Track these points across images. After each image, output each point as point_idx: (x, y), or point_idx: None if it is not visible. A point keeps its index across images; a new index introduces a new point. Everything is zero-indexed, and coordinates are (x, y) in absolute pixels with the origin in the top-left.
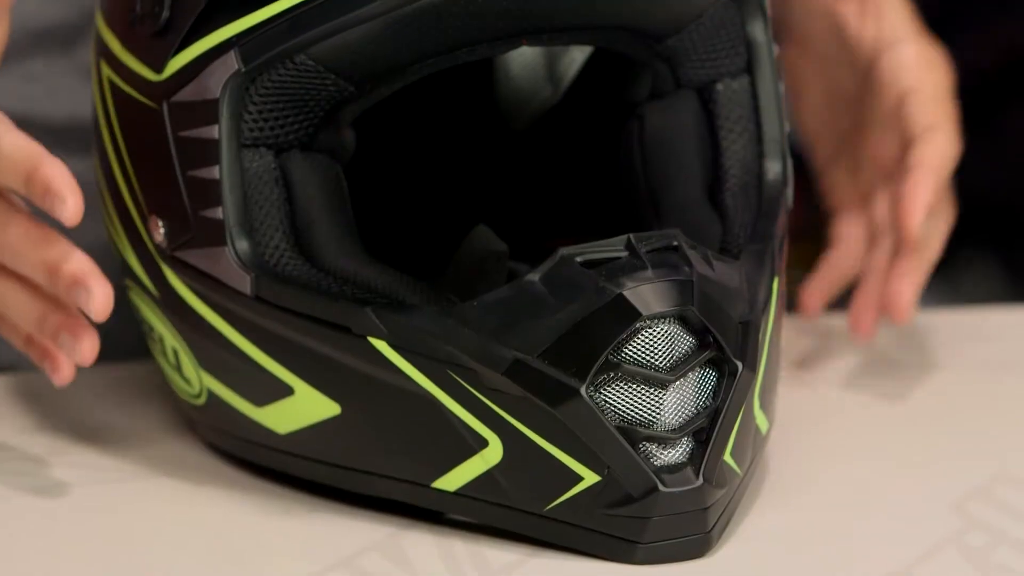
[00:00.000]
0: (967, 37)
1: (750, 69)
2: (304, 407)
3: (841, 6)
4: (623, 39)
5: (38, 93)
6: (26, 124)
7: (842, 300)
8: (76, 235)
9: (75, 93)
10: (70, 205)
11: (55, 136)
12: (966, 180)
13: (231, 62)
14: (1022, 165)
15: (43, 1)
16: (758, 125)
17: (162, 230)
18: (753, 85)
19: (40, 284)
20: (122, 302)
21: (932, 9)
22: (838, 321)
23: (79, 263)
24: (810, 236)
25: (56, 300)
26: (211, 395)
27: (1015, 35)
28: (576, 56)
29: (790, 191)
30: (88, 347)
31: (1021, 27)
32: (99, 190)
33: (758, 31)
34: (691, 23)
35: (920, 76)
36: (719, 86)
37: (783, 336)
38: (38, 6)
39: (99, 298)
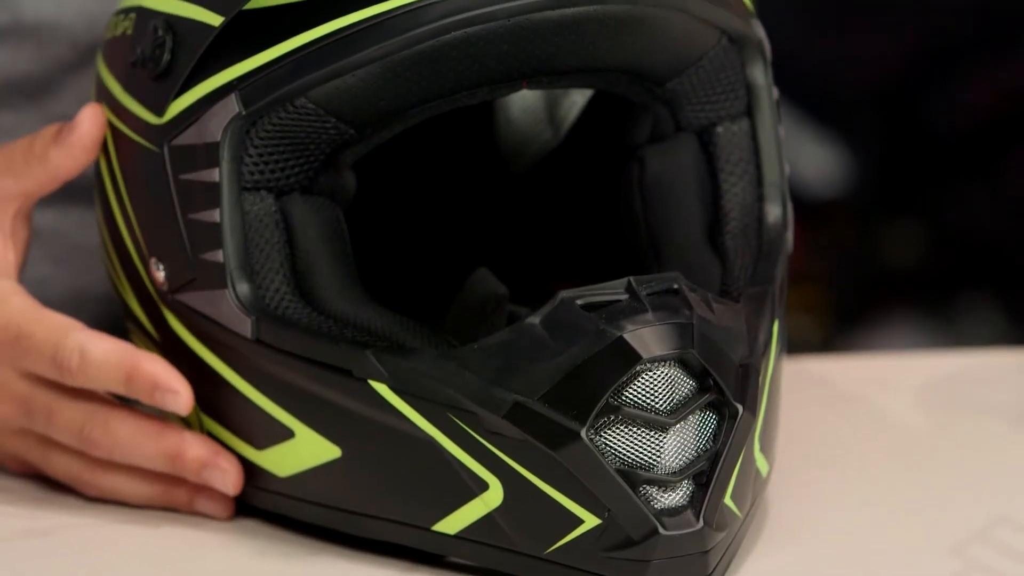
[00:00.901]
0: (968, 80)
1: (750, 112)
2: (304, 450)
3: None
4: (623, 82)
5: None
6: None
7: (842, 343)
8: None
9: None
10: (183, 395)
11: None
12: (966, 223)
13: (232, 105)
14: (1022, 208)
15: (11, 55)
16: (758, 168)
17: (162, 273)
18: (753, 128)
19: (159, 470)
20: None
21: (934, 51)
22: (836, 365)
23: (202, 446)
24: (810, 279)
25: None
26: (211, 438)
27: (1016, 79)
28: (576, 99)
29: (790, 235)
30: (233, 482)
31: (1021, 70)
32: (99, 233)
33: (758, 74)
34: (691, 66)
35: None
36: (719, 129)
37: (783, 379)
38: (6, 59)
39: (233, 473)
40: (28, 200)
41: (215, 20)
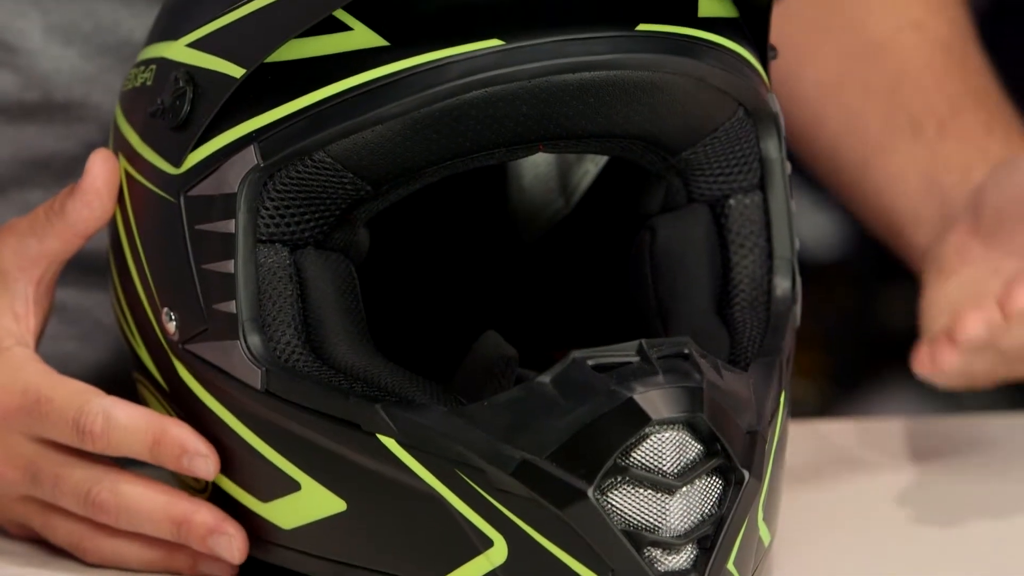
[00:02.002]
0: None
1: (763, 186)
2: (310, 503)
3: None
4: (638, 149)
5: None
6: None
7: (841, 406)
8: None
9: None
10: (212, 459)
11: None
12: None
13: (250, 157)
14: None
15: (40, 132)
16: (769, 242)
17: (174, 323)
18: (765, 202)
19: (163, 537)
20: (132, 397)
21: None
22: (834, 428)
23: (209, 513)
24: (809, 342)
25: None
26: (216, 489)
27: None
28: (589, 168)
29: (798, 308)
30: (239, 550)
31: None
32: (111, 283)
33: (772, 148)
34: (707, 137)
35: None
36: (731, 201)
37: (787, 450)
38: (35, 137)
39: (239, 540)
40: (53, 264)
41: (236, 72)
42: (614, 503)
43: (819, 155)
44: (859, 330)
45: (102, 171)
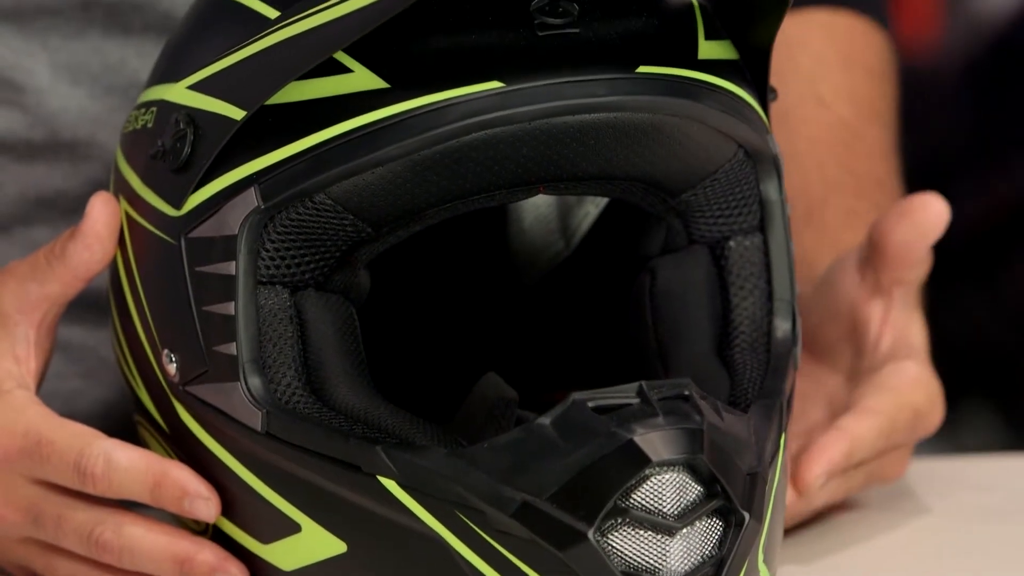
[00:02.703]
0: (968, 189)
1: (763, 227)
2: (310, 544)
3: (864, 310)
4: (638, 191)
5: None
6: None
7: None
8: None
9: None
10: (213, 502)
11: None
12: (964, 330)
13: (251, 199)
14: (1021, 317)
15: (46, 171)
16: (769, 283)
17: (174, 365)
18: (766, 244)
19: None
20: (133, 439)
21: (931, 161)
22: None
23: (212, 552)
24: None
25: None
26: (216, 531)
27: (1013, 188)
28: (590, 210)
29: (798, 350)
30: None
31: (1019, 180)
32: (112, 325)
33: (772, 190)
34: (707, 179)
35: (910, 394)
36: (731, 243)
37: (787, 493)
38: (42, 176)
39: None
40: (54, 307)
41: (237, 114)
42: (614, 544)
43: None
44: None
45: (102, 214)
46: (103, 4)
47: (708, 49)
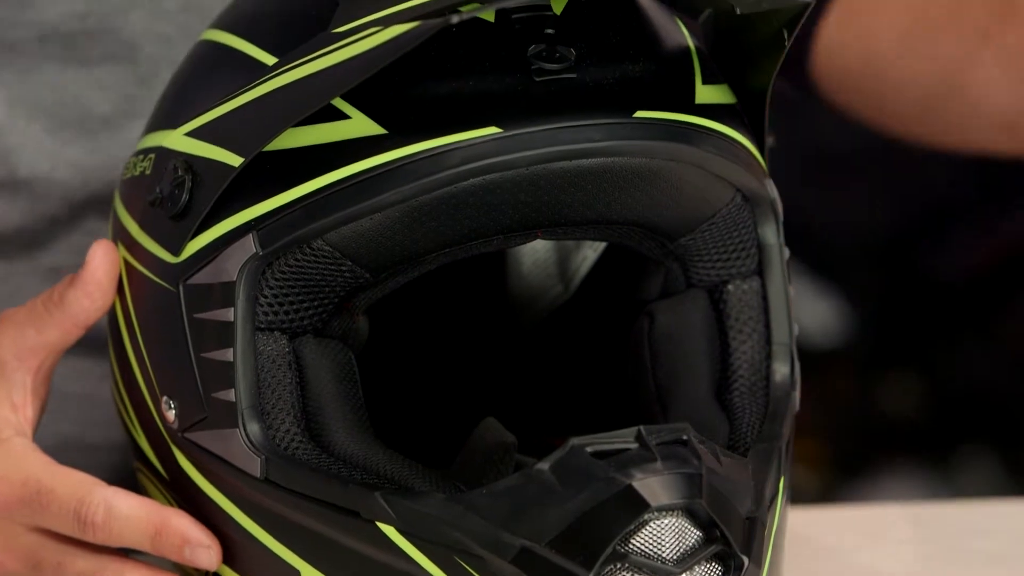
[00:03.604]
0: (967, 234)
1: (761, 271)
2: None
3: None
4: (636, 236)
5: (1, 295)
6: None
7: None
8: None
9: (36, 293)
10: (215, 550)
11: None
12: (964, 375)
13: (249, 245)
14: (1020, 361)
15: (4, 208)
16: (767, 327)
17: (173, 411)
18: (764, 287)
19: None
20: (132, 486)
21: (932, 206)
22: (834, 516)
23: None
24: (809, 430)
25: None
26: None
27: (1012, 233)
28: (588, 254)
29: (797, 394)
30: None
31: (1020, 225)
32: (111, 372)
33: (770, 234)
34: (704, 223)
35: None
36: (730, 287)
37: (787, 535)
38: (1, 213)
39: None
40: (52, 354)
41: (235, 161)
42: None
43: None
44: (860, 417)
45: (103, 262)
46: (60, 35)
47: (705, 93)
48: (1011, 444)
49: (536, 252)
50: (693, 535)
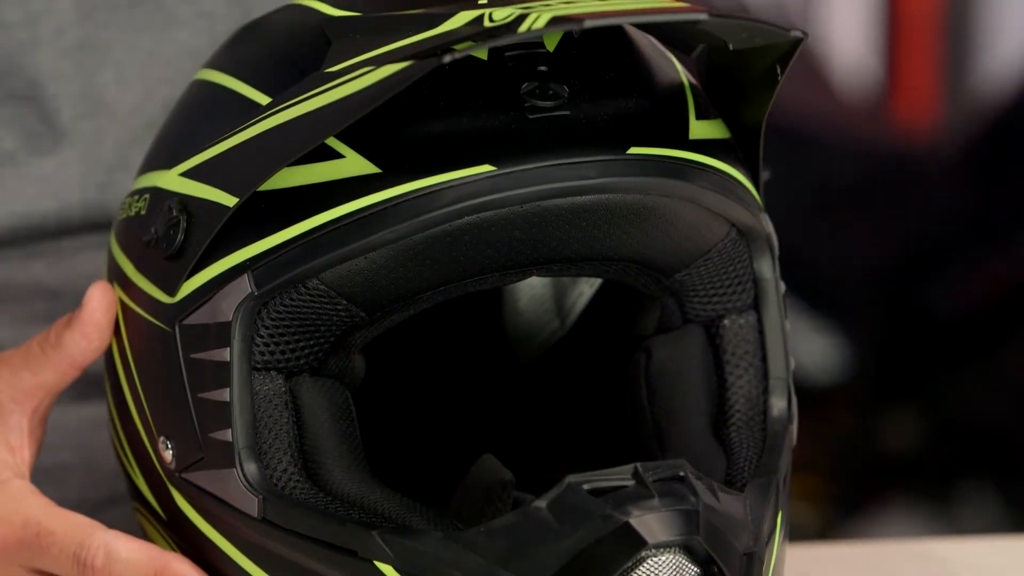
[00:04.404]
0: (965, 269)
1: (757, 306)
2: None
3: None
4: (632, 272)
5: None
6: None
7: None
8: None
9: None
10: None
11: None
12: (964, 410)
13: (244, 285)
14: (1020, 397)
15: None
16: (764, 362)
17: (171, 452)
18: (760, 322)
19: None
20: (131, 527)
21: (931, 240)
22: (834, 552)
23: None
24: (808, 466)
25: None
26: None
27: (1012, 267)
28: (584, 290)
29: (794, 428)
30: None
31: (1019, 260)
32: (108, 412)
33: (766, 268)
34: (700, 258)
35: None
36: (726, 322)
37: (785, 570)
38: None
39: None
40: (48, 396)
41: (229, 201)
42: None
43: None
44: (859, 453)
45: (101, 303)
46: None
47: (699, 129)
48: (1011, 480)
49: (532, 288)
50: (691, 571)
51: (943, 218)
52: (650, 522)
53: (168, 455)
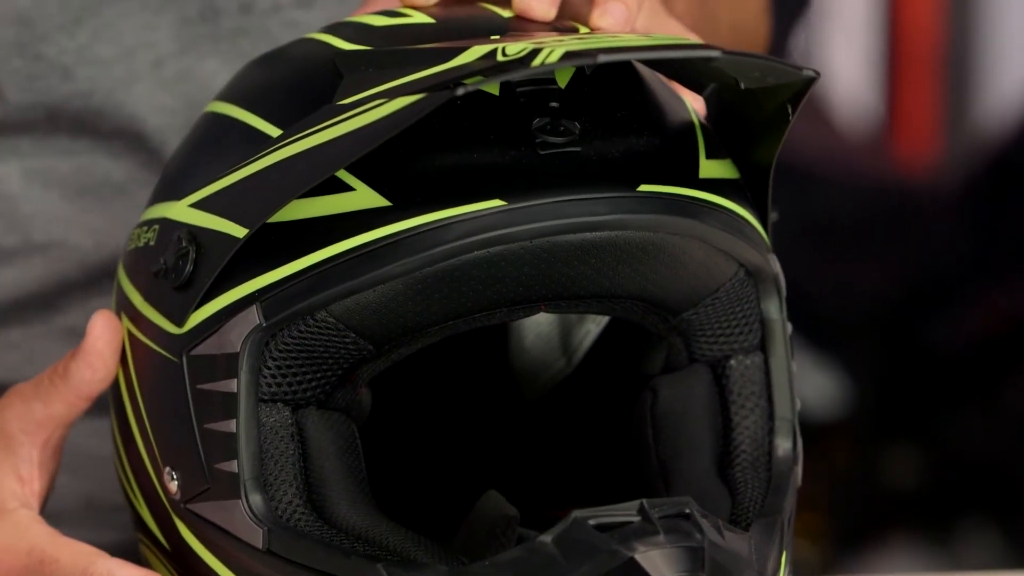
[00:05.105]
0: (965, 305)
1: (764, 347)
2: None
3: None
4: (639, 310)
5: (17, 360)
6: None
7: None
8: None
9: (54, 356)
10: None
11: None
12: (965, 446)
13: (252, 317)
14: (1021, 434)
15: (21, 271)
16: (770, 402)
17: (176, 483)
18: (766, 363)
19: None
20: (134, 558)
21: (931, 276)
22: None
23: None
24: (809, 502)
25: None
26: None
27: (1012, 303)
28: (591, 328)
29: (799, 468)
30: None
31: (1020, 296)
32: (113, 442)
33: (773, 309)
34: (708, 297)
35: None
36: (732, 362)
37: None
38: (15, 278)
39: None
40: (59, 427)
41: (239, 232)
42: None
43: None
44: (860, 489)
45: (103, 332)
46: (68, 115)
47: (709, 168)
48: (1012, 517)
49: (539, 326)
50: None
51: (944, 254)
52: (655, 558)
53: (173, 486)
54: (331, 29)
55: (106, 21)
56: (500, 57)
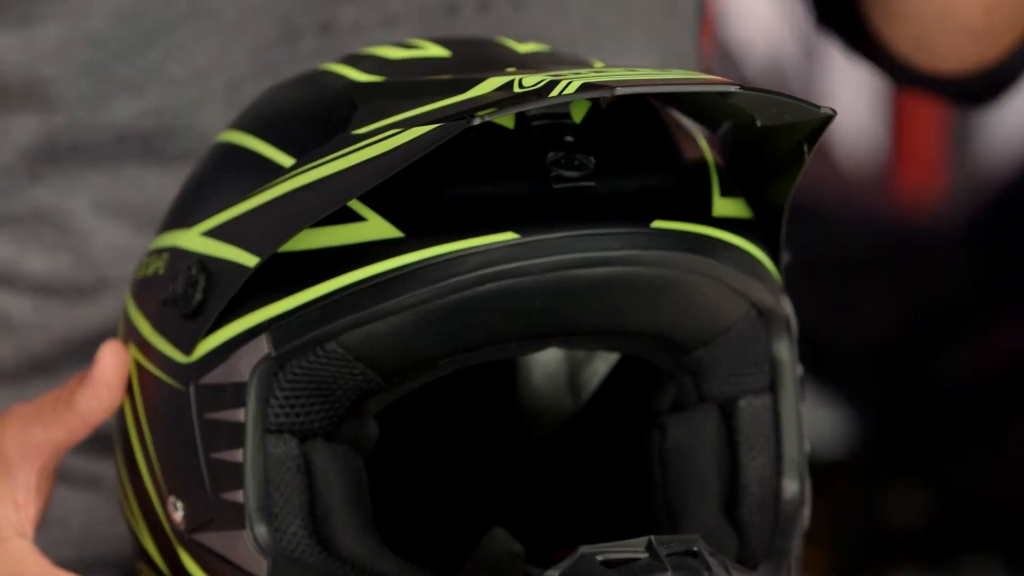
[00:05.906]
0: (970, 340)
1: (774, 387)
2: None
3: None
4: (650, 347)
5: None
6: None
7: None
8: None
9: None
10: None
11: None
12: (969, 483)
13: (262, 346)
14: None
15: (94, 311)
16: (778, 444)
17: (180, 512)
18: (776, 404)
19: None
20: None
21: (935, 312)
22: None
23: None
24: (812, 539)
25: None
26: None
27: (1017, 338)
28: (599, 367)
29: (807, 510)
30: None
31: (1022, 330)
32: (116, 470)
33: (783, 350)
34: (719, 336)
35: None
36: (742, 403)
37: None
38: (89, 317)
39: None
40: (57, 452)
41: (250, 261)
42: None
43: None
44: (864, 527)
45: (112, 362)
46: (138, 134)
47: (723, 206)
48: (1017, 554)
49: (547, 364)
50: None
51: (948, 290)
52: None
53: (178, 515)
54: (347, 60)
55: (179, 41)
56: (517, 88)
